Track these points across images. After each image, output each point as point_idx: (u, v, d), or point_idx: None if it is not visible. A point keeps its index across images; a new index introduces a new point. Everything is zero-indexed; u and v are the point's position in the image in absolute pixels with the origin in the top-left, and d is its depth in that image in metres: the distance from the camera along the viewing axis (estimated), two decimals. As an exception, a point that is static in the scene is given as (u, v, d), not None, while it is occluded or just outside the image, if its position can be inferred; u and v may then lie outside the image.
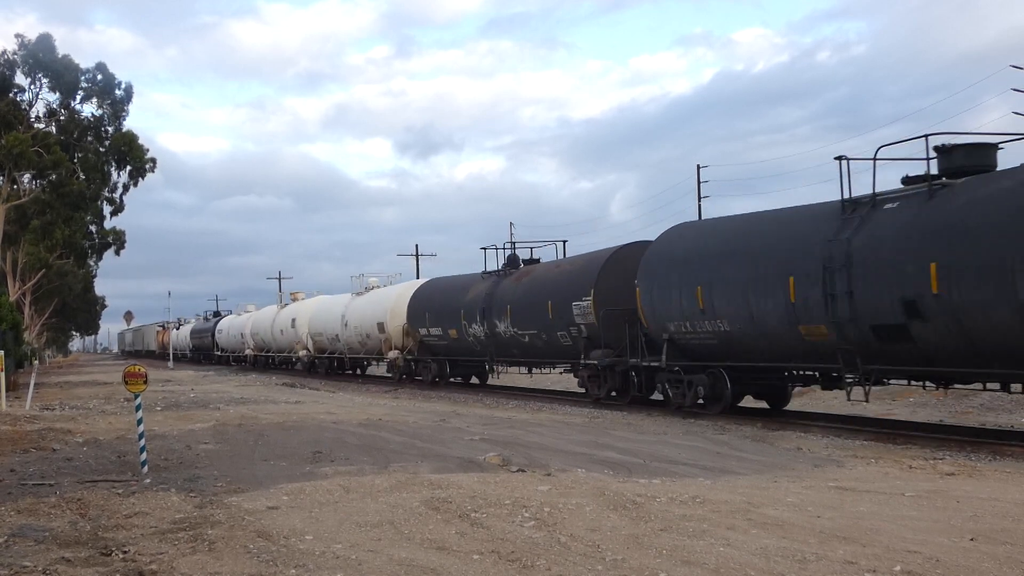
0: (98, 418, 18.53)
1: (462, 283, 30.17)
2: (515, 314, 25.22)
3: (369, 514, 7.76)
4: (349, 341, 38.16)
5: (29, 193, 37.17)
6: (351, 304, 38.30)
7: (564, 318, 22.49)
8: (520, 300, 25.21)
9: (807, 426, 16.33)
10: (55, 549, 6.90)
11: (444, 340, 30.26)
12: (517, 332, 25.25)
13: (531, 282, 25.36)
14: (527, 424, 16.62)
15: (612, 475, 10.16)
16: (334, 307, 40.87)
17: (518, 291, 25.62)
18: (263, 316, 53.89)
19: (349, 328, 37.73)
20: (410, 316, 32.51)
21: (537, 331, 24.19)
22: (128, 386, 10.71)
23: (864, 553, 6.21)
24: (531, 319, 24.34)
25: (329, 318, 40.82)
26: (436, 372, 31.47)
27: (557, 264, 25.48)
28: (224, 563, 6.32)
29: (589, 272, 22.11)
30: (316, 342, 43.04)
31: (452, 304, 29.39)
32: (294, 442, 13.37)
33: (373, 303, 36.21)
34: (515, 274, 26.91)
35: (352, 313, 37.72)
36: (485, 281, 28.07)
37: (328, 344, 41.32)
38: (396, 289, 35.80)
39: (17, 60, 35.30)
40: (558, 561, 6.16)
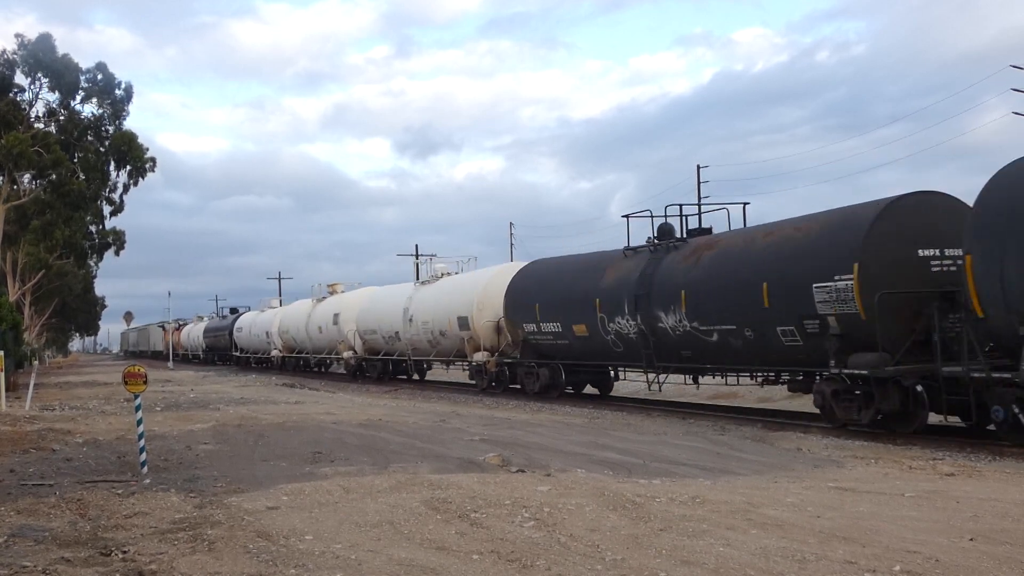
0: (98, 418, 18.53)
1: (591, 263, 23.07)
2: (694, 303, 18.24)
3: (369, 514, 7.76)
4: (414, 340, 31.94)
5: (29, 193, 37.15)
6: (416, 295, 32.24)
7: (795, 308, 15.72)
8: (703, 283, 18.13)
9: (807, 426, 16.33)
10: (55, 549, 6.90)
11: (564, 339, 23.23)
12: (697, 328, 18.28)
13: (720, 258, 18.14)
14: (527, 424, 16.62)
15: (612, 475, 10.16)
16: (392, 299, 34.63)
17: (697, 271, 18.49)
18: (295, 312, 47.51)
19: (415, 324, 31.45)
20: (509, 308, 25.73)
21: (736, 326, 17.16)
22: (128, 386, 10.71)
23: (864, 553, 6.21)
24: (724, 309, 17.40)
25: (385, 313, 34.60)
26: (547, 380, 24.35)
27: (768, 231, 17.61)
28: (224, 563, 6.32)
29: (844, 238, 15.18)
30: (367, 342, 36.80)
31: (579, 291, 22.37)
32: (294, 442, 13.37)
33: (450, 293, 29.65)
34: (685, 248, 19.63)
35: (419, 306, 31.54)
36: (631, 259, 21.19)
37: (384, 344, 35.12)
38: (485, 275, 28.90)
39: (17, 60, 35.30)
40: (558, 561, 6.16)
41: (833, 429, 15.53)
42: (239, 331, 59.09)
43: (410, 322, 31.87)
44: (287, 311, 49.38)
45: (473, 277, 29.79)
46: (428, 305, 30.93)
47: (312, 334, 43.20)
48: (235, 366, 59.60)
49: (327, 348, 41.94)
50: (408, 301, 32.57)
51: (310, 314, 43.67)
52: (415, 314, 31.63)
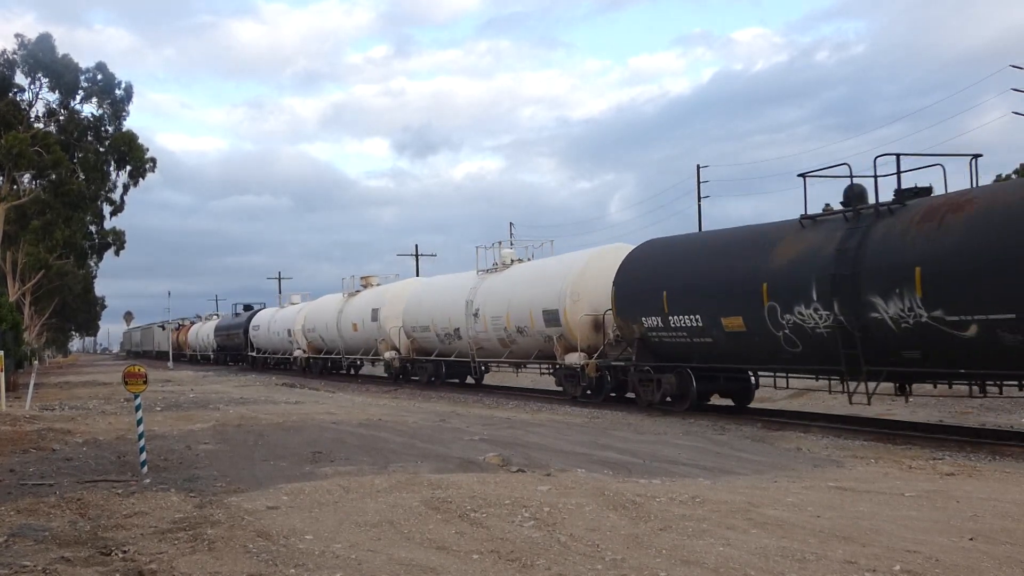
0: (98, 418, 18.53)
1: (751, 238, 17.89)
2: (938, 284, 13.38)
3: (369, 514, 7.76)
4: (480, 339, 27.36)
5: (29, 193, 37.19)
6: (482, 286, 27.57)
7: None
8: (956, 256, 13.24)
9: (807, 426, 16.33)
10: (55, 549, 6.90)
11: (705, 336, 18.07)
12: (940, 319, 13.42)
13: (985, 220, 13.20)
14: (527, 424, 16.62)
15: (612, 475, 10.16)
16: (449, 291, 30.15)
17: (944, 240, 13.55)
18: (323, 308, 42.53)
19: (481, 320, 26.95)
20: (620, 298, 20.53)
21: (1017, 315, 12.48)
22: (128, 386, 10.71)
23: (864, 553, 6.21)
24: (995, 291, 12.70)
25: (441, 307, 30.16)
26: (672, 388, 19.15)
27: None
28: (224, 563, 6.32)
29: None
30: (416, 341, 32.50)
31: (735, 274, 17.27)
32: (294, 442, 13.37)
33: (530, 283, 24.90)
34: (910, 211, 14.52)
35: (486, 298, 26.92)
36: (813, 230, 16.21)
37: (438, 343, 30.73)
38: (578, 259, 23.69)
39: (17, 60, 35.37)
40: (558, 561, 6.16)
41: (833, 429, 15.50)
42: (255, 329, 54.24)
43: (474, 317, 27.16)
44: (313, 307, 44.61)
45: (562, 263, 24.55)
46: (499, 297, 26.11)
47: (345, 332, 38.49)
48: (250, 368, 54.80)
49: (363, 348, 37.20)
50: (471, 293, 27.71)
51: (341, 310, 38.91)
52: (482, 308, 26.87)
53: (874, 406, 18.02)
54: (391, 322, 33.65)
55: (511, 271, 27.08)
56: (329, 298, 42.83)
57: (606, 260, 22.36)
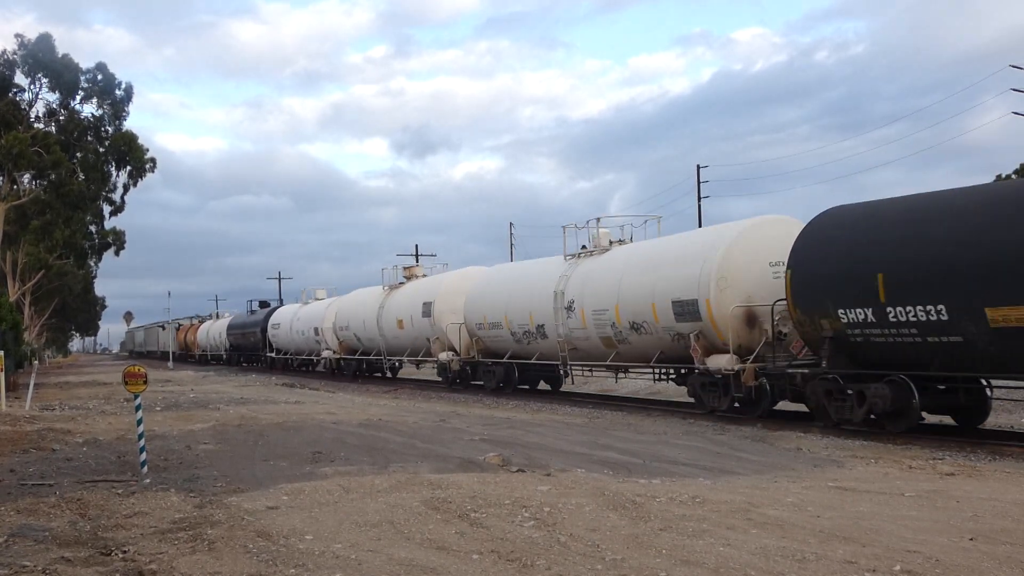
0: (98, 418, 18.53)
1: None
2: None
3: (369, 514, 7.76)
4: (576, 337, 22.45)
5: (29, 193, 37.20)
6: (575, 274, 22.77)
7: None
8: None
9: (807, 426, 16.32)
10: (55, 549, 6.90)
11: (944, 332, 13.32)
12: None
13: None
14: (527, 424, 16.62)
15: (612, 475, 10.16)
16: (528, 281, 25.27)
17: None
18: (358, 303, 37.70)
19: (576, 314, 22.13)
20: (800, 284, 15.45)
21: None
22: (128, 386, 10.70)
23: (864, 553, 6.21)
24: None
25: (518, 300, 25.21)
26: (886, 403, 14.27)
27: None
28: (224, 563, 6.32)
29: None
30: (482, 340, 27.72)
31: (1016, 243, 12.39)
32: (294, 442, 13.37)
33: (649, 267, 19.99)
34: None
35: (583, 288, 22.06)
36: None
37: (513, 343, 25.91)
38: (721, 237, 18.34)
39: (17, 60, 35.39)
40: (558, 561, 6.16)
41: (833, 429, 15.51)
42: (275, 328, 49.51)
43: (567, 312, 22.53)
44: (346, 303, 39.74)
45: (698, 240, 19.47)
46: (603, 286, 21.34)
47: (387, 330, 33.86)
48: (269, 370, 50.57)
49: (410, 348, 32.70)
50: (561, 282, 22.99)
51: (383, 305, 34.33)
52: (577, 300, 22.08)
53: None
54: (447, 318, 29.29)
55: (614, 254, 22.23)
56: (365, 292, 38.37)
57: (764, 235, 17.78)
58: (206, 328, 71.13)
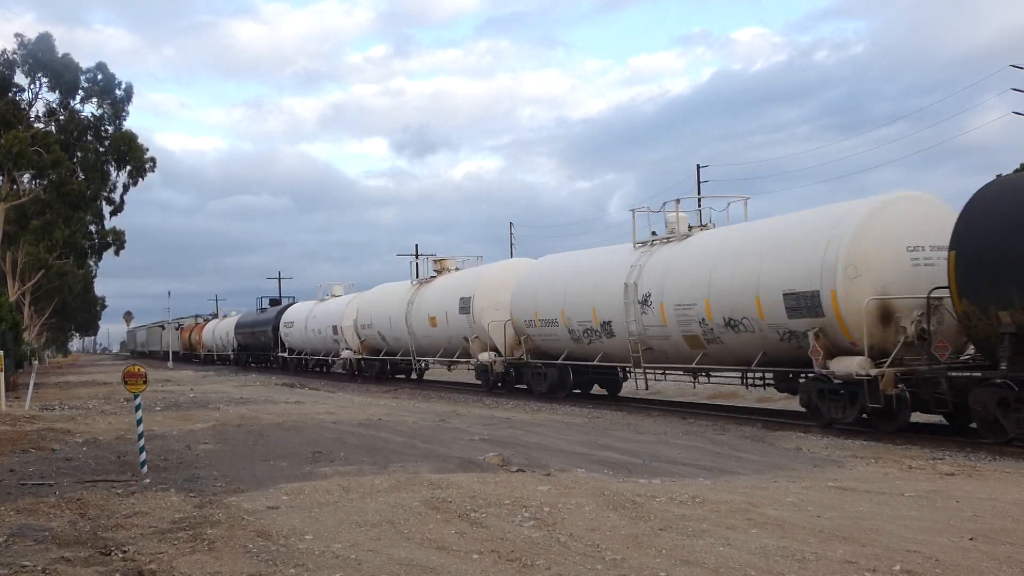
0: (98, 418, 18.53)
1: None
2: None
3: (369, 514, 7.76)
4: (652, 335, 19.62)
5: (29, 193, 37.20)
6: (650, 264, 19.92)
7: None
8: None
9: (807, 426, 16.31)
10: (55, 549, 6.90)
11: None
12: None
13: None
14: (527, 424, 16.62)
15: (612, 475, 10.16)
16: (590, 273, 22.42)
17: None
18: (384, 299, 34.83)
19: (654, 309, 19.33)
20: (970, 269, 12.97)
21: None
22: (127, 386, 10.70)
23: (864, 553, 6.21)
24: None
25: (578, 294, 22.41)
26: None
27: None
28: (224, 563, 6.32)
29: None
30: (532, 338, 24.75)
31: None
32: (294, 442, 13.37)
33: (748, 254, 17.24)
34: None
35: (662, 279, 19.20)
36: None
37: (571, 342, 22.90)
38: (851, 216, 15.38)
39: (17, 59, 35.38)
40: (558, 561, 6.16)
41: (833, 429, 15.49)
42: (288, 327, 46.70)
43: (642, 306, 19.70)
44: (370, 299, 36.84)
45: (813, 221, 16.33)
46: (686, 276, 18.52)
47: (418, 328, 31.21)
48: (281, 371, 48.20)
49: (444, 347, 29.87)
50: (632, 273, 20.15)
51: (412, 300, 31.72)
52: (655, 293, 19.35)
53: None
54: (489, 315, 26.39)
55: (700, 240, 19.47)
56: (391, 287, 35.62)
57: (901, 214, 15.20)
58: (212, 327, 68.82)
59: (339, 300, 41.36)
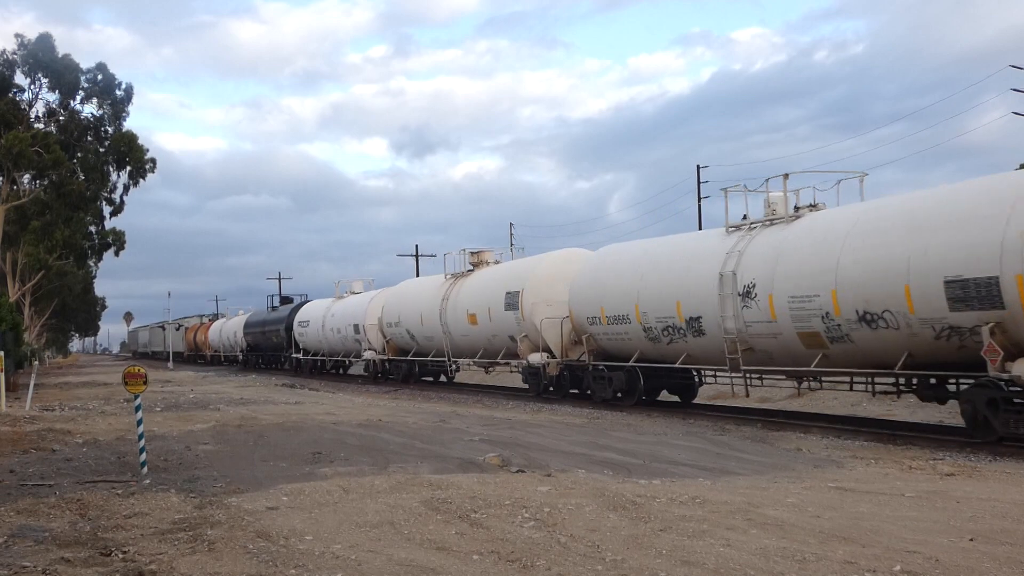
0: (98, 419, 18.53)
1: None
2: None
3: (369, 514, 7.76)
4: (756, 332, 16.76)
5: (29, 193, 37.20)
6: (751, 250, 17.17)
7: None
8: None
9: (807, 427, 16.31)
10: (55, 549, 6.90)
11: None
12: None
13: None
14: (527, 425, 16.62)
15: (612, 476, 10.16)
16: (673, 259, 19.62)
17: None
18: (414, 295, 32.46)
19: (759, 303, 16.48)
20: None
21: None
22: (128, 387, 10.71)
23: (864, 553, 6.22)
24: None
25: (661, 285, 19.45)
26: None
27: None
28: (224, 563, 6.32)
29: None
30: (597, 337, 21.89)
31: None
32: (294, 443, 13.37)
33: (890, 233, 14.45)
34: None
35: (773, 268, 16.31)
36: None
37: (645, 340, 20.08)
38: None
39: (17, 60, 35.39)
40: (558, 561, 6.16)
41: (833, 429, 15.47)
42: (302, 326, 44.12)
43: (744, 298, 16.71)
44: (397, 295, 34.33)
45: (969, 197, 13.65)
46: (805, 264, 15.67)
47: (455, 326, 28.61)
48: (294, 373, 45.24)
49: (484, 347, 27.26)
50: (731, 261, 17.30)
51: (447, 296, 29.20)
52: (762, 283, 16.36)
53: (874, 406, 18.04)
54: (541, 311, 23.69)
55: (815, 221, 16.38)
56: (421, 282, 33.53)
57: None
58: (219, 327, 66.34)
59: (360, 297, 38.86)
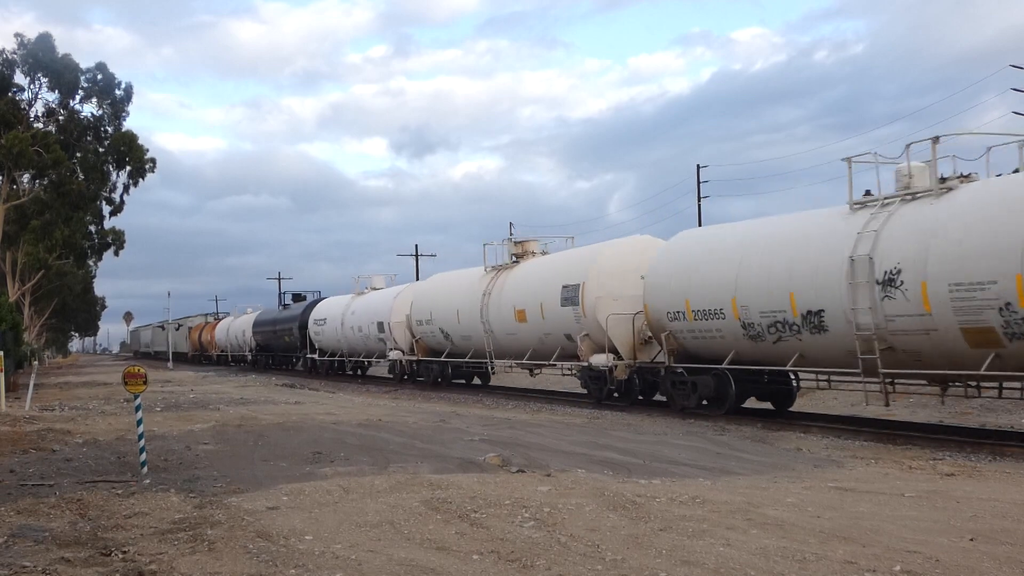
0: (98, 419, 18.53)
1: None
2: None
3: (369, 514, 7.76)
4: (907, 330, 14.03)
5: (29, 193, 37.23)
6: (892, 227, 14.49)
7: None
8: None
9: (807, 427, 16.32)
10: (55, 549, 6.90)
11: None
12: None
13: None
14: (527, 424, 16.62)
15: (612, 475, 10.16)
16: (783, 243, 16.83)
17: None
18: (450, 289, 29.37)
19: (907, 292, 13.88)
20: None
21: None
22: (128, 387, 10.71)
23: (864, 553, 6.22)
24: None
25: (767, 273, 16.71)
26: None
27: None
28: (224, 563, 6.32)
29: None
30: (682, 336, 18.95)
31: None
32: (294, 443, 13.37)
33: None
34: None
35: (928, 247, 13.69)
36: None
37: (741, 339, 17.42)
38: None
39: (17, 60, 35.44)
40: (558, 561, 6.16)
41: (833, 429, 15.50)
42: (319, 324, 41.33)
43: (884, 287, 14.25)
44: (428, 290, 31.15)
45: None
46: (970, 245, 13.17)
47: (498, 324, 25.66)
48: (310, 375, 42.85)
49: (535, 347, 24.30)
50: (864, 243, 14.74)
51: (488, 291, 26.23)
52: (910, 268, 13.92)
53: (874, 406, 18.03)
54: (607, 307, 20.99)
55: (976, 193, 13.82)
56: (456, 276, 30.30)
57: None
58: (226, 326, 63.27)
59: (383, 293, 35.80)
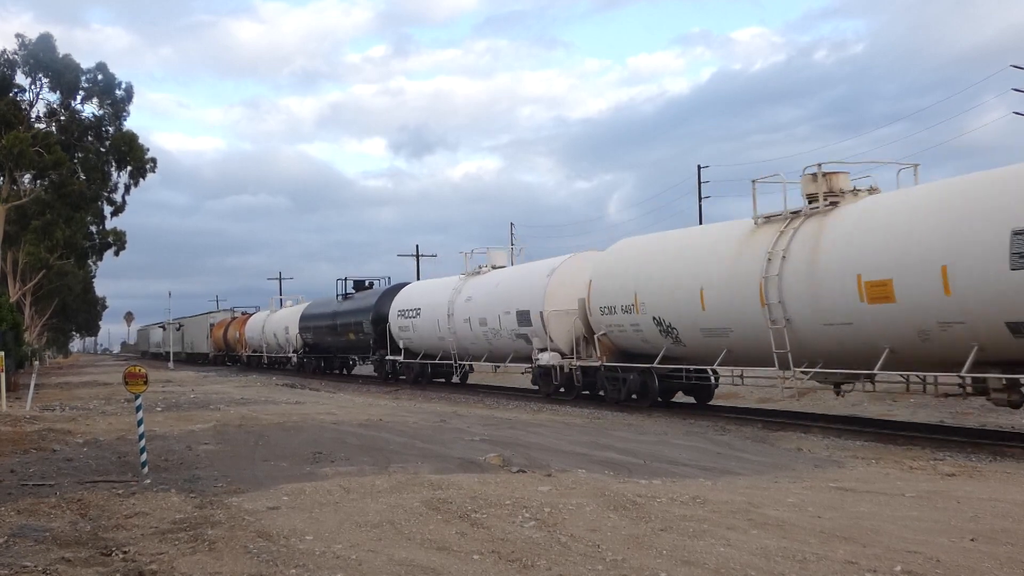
0: (98, 419, 18.52)
1: None
2: None
3: (369, 514, 7.76)
4: None
5: (30, 193, 37.24)
6: None
7: None
8: None
9: (807, 427, 16.32)
10: (55, 549, 6.90)
11: None
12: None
13: None
14: (527, 424, 16.61)
15: (612, 475, 10.16)
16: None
17: None
18: (662, 257, 19.39)
19: None
20: None
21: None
22: (128, 387, 10.70)
23: (864, 553, 6.21)
24: None
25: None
26: None
27: None
28: (224, 563, 6.32)
29: None
30: None
31: None
32: (294, 442, 13.37)
33: None
34: None
35: None
36: None
37: None
38: None
39: (17, 60, 35.45)
40: (558, 561, 6.15)
41: (834, 429, 15.50)
42: (406, 316, 31.44)
43: None
44: (614, 260, 21.23)
45: None
46: None
47: (796, 305, 15.44)
48: (383, 382, 33.95)
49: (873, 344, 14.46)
50: None
51: (742, 254, 16.84)
52: None
53: (874, 406, 18.04)
54: None
55: None
56: (673, 235, 20.54)
57: None
58: (260, 321, 53.30)
59: (524, 268, 26.20)
